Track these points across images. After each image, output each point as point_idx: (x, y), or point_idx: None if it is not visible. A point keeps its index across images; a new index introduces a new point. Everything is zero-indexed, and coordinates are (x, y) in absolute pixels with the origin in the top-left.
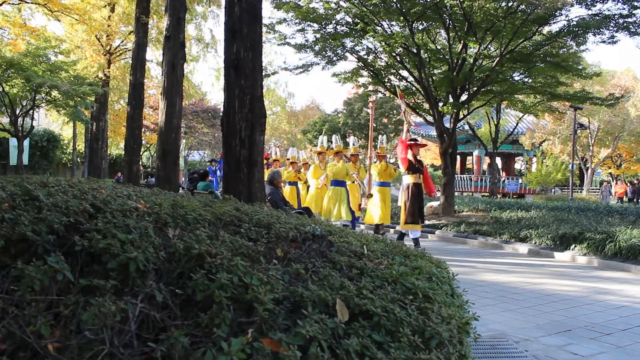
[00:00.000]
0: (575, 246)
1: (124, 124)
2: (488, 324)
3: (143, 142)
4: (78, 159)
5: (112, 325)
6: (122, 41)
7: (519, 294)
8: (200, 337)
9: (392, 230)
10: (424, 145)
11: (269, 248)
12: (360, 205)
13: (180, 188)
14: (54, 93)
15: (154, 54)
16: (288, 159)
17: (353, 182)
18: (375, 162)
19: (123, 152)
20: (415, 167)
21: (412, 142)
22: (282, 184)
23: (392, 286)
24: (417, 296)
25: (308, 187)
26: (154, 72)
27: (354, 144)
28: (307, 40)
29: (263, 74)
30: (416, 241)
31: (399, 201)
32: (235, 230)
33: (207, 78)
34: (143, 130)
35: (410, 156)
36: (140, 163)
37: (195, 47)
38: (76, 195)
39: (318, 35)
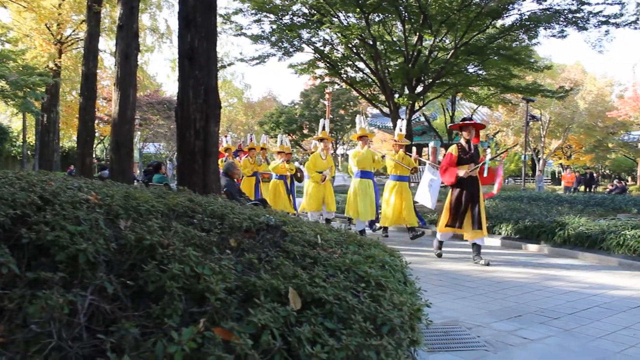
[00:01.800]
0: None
1: (77, 115)
2: (442, 311)
3: (96, 134)
4: (28, 152)
5: (60, 319)
6: (74, 30)
7: (472, 281)
8: (151, 328)
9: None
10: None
11: (222, 238)
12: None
13: (135, 181)
14: (1, 83)
15: (107, 44)
16: (262, 148)
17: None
18: (382, 154)
19: (76, 145)
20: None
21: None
22: (239, 176)
23: (345, 274)
24: (369, 284)
25: (291, 182)
26: (107, 63)
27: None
28: (263, 31)
29: (219, 64)
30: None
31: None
32: (189, 221)
33: (162, 69)
34: (96, 122)
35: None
36: (94, 156)
37: (150, 37)
38: (24, 187)
39: (274, 26)
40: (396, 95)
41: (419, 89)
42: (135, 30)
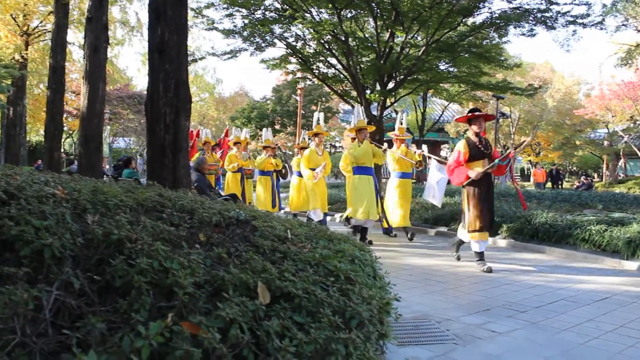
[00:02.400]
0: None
1: (44, 109)
2: (412, 305)
3: (65, 128)
4: None
5: (24, 314)
6: (41, 22)
7: (442, 276)
8: (118, 323)
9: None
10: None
11: (191, 233)
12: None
13: (105, 175)
14: None
15: (76, 36)
16: (239, 142)
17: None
18: (383, 148)
19: (43, 139)
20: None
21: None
22: (208, 170)
23: (314, 269)
24: (339, 278)
25: (277, 180)
26: (76, 56)
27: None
28: (235, 26)
29: (190, 59)
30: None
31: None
32: (158, 215)
33: (132, 63)
34: (65, 116)
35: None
36: (62, 150)
37: (120, 30)
38: None
39: (246, 21)
40: (368, 92)
41: (391, 85)
42: (104, 22)
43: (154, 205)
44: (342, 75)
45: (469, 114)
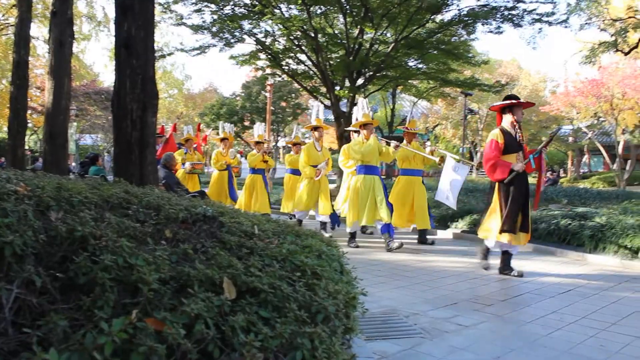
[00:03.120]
0: (459, 224)
1: (8, 105)
2: (380, 300)
3: (29, 124)
4: None
5: None
6: (3, 15)
7: (410, 271)
8: (81, 321)
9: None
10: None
11: (157, 229)
12: None
13: (71, 173)
14: None
15: (41, 31)
16: (226, 139)
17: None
18: (395, 144)
19: (7, 136)
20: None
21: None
22: (177, 167)
23: (281, 264)
24: (305, 273)
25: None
26: (41, 50)
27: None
28: (204, 22)
29: (158, 54)
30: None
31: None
32: (124, 212)
33: (100, 58)
34: (29, 112)
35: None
36: (27, 147)
37: (87, 25)
38: None
39: (215, 17)
40: (337, 88)
41: (360, 81)
42: (69, 16)
43: (119, 201)
44: (311, 72)
45: (507, 102)
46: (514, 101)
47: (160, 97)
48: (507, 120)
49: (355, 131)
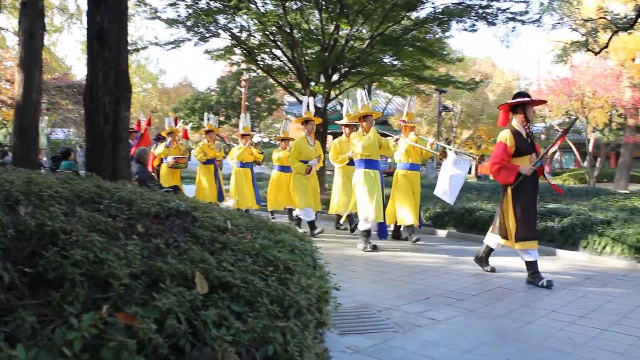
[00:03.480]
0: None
1: None
2: (353, 295)
3: None
4: None
5: None
6: None
7: (384, 266)
8: (50, 316)
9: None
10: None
11: (129, 224)
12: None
13: (42, 167)
14: None
15: (10, 22)
16: (211, 131)
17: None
18: (395, 137)
19: None
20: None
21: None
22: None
23: (253, 258)
24: (278, 268)
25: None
26: (11, 42)
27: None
28: (179, 15)
29: (132, 48)
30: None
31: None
32: (95, 207)
33: (72, 51)
34: None
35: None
36: None
37: (59, 17)
38: None
39: (190, 11)
40: (312, 84)
41: (335, 77)
42: (40, 8)
43: (91, 196)
44: (286, 67)
45: (518, 100)
46: (527, 99)
47: (134, 91)
48: (518, 119)
49: (347, 125)
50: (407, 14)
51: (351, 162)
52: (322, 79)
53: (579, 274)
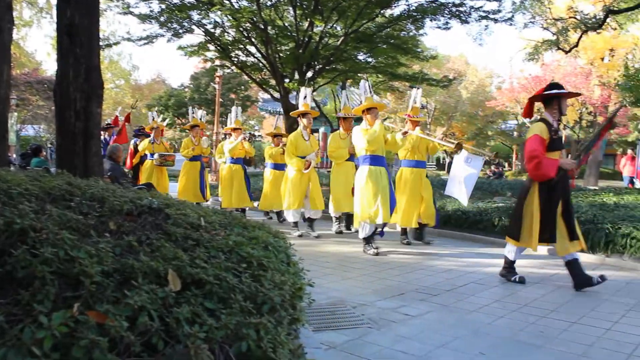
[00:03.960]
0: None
1: None
2: (328, 291)
3: None
4: None
5: None
6: None
7: (358, 262)
8: (20, 315)
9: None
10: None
11: (101, 222)
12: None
13: (11, 165)
14: None
15: None
16: (197, 126)
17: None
18: (403, 131)
19: None
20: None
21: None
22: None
23: (227, 255)
24: (251, 264)
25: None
26: None
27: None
28: (152, 11)
29: (104, 43)
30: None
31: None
32: (66, 204)
33: (42, 46)
34: None
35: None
36: None
37: (28, 11)
38: None
39: (163, 6)
40: (286, 80)
41: (309, 74)
42: (8, 1)
43: (61, 194)
44: (261, 64)
45: (554, 91)
46: (562, 91)
47: (106, 87)
48: (550, 112)
49: (344, 118)
50: (381, 11)
51: (350, 158)
52: (297, 76)
53: (550, 268)
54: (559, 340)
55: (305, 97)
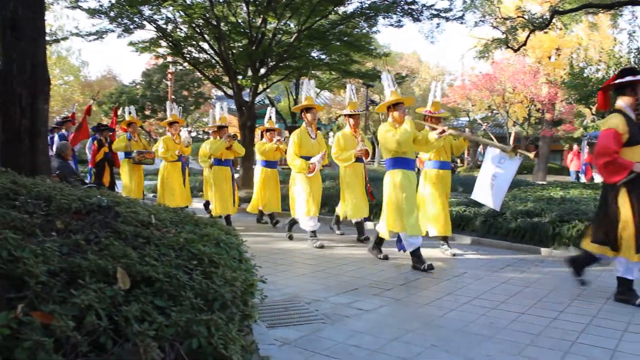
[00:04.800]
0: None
1: None
2: (282, 288)
3: None
4: None
5: None
6: None
7: (312, 259)
8: None
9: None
10: None
11: (47, 221)
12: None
13: None
14: None
15: None
16: (176, 122)
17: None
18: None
19: None
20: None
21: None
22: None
23: (177, 253)
24: (202, 261)
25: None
26: None
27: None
28: (101, 5)
29: (52, 38)
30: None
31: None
32: (10, 204)
33: None
34: None
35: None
36: None
37: None
38: None
39: (113, 1)
40: (240, 77)
41: (263, 71)
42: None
43: (5, 192)
44: (214, 61)
45: (628, 78)
46: (639, 77)
47: (54, 83)
48: (626, 102)
49: (350, 115)
50: (335, 9)
51: (358, 159)
52: (250, 73)
53: (500, 261)
54: (507, 330)
55: (308, 90)
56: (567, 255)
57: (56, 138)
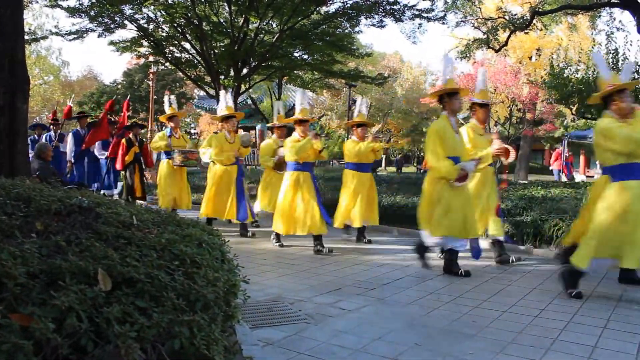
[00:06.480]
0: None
1: None
2: (265, 288)
3: None
4: None
5: None
6: None
7: (296, 259)
8: None
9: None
10: None
11: (27, 222)
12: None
13: None
14: None
15: None
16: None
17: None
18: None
19: None
20: None
21: None
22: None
23: (159, 253)
24: (184, 262)
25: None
26: None
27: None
28: (81, 4)
29: (31, 37)
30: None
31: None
32: None
33: None
34: None
35: None
36: None
37: None
38: None
39: None
40: (222, 77)
41: (245, 71)
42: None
43: None
44: (196, 61)
45: None
46: None
47: (34, 83)
48: None
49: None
50: (317, 9)
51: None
52: (232, 73)
53: (483, 260)
54: (490, 328)
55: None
56: (549, 253)
57: (70, 136)
